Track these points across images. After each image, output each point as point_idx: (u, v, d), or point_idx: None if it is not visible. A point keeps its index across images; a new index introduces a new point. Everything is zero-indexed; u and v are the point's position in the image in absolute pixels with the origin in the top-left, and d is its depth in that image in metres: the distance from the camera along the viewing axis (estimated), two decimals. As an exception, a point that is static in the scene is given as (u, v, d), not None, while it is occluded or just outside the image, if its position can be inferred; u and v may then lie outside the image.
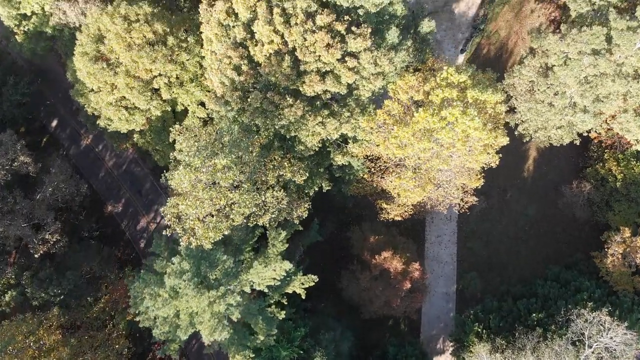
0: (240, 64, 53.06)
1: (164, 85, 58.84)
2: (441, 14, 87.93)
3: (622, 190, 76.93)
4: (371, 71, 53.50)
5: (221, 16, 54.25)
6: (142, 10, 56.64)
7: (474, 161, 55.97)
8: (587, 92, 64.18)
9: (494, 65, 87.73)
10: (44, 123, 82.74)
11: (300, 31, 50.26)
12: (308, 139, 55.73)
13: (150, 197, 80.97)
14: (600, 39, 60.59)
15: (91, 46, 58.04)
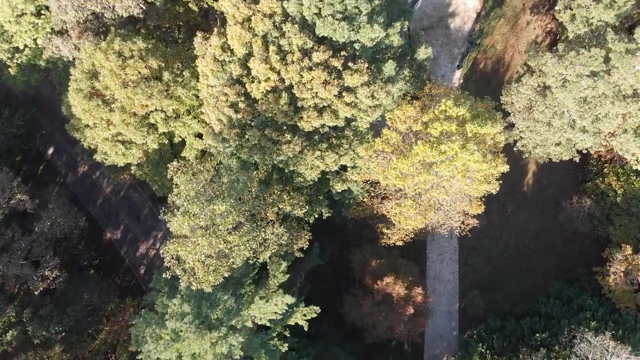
0: (237, 101, 52.64)
1: (160, 120, 58.37)
2: (437, 30, 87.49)
3: (623, 205, 76.77)
4: (369, 104, 53.10)
5: (216, 52, 53.79)
6: (137, 46, 56.06)
7: (475, 190, 55.67)
8: (586, 113, 63.86)
9: (491, 79, 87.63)
10: (40, 150, 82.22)
11: (297, 69, 49.83)
12: (307, 172, 55.40)
13: (149, 223, 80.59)
14: (599, 61, 60.24)
15: (85, 82, 57.49)
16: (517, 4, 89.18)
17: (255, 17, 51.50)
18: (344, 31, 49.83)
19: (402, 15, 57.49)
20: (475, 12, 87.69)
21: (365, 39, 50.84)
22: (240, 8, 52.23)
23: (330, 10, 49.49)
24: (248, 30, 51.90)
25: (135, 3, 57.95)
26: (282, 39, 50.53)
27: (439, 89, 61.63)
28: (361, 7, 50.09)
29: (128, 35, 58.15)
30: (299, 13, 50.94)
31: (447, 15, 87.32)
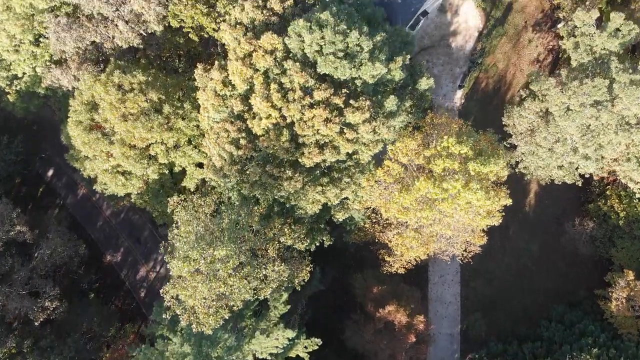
0: (238, 137, 52.19)
1: (161, 152, 57.92)
2: (438, 49, 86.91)
3: (625, 227, 76.47)
4: (370, 139, 52.63)
5: (217, 86, 53.32)
6: (137, 79, 55.56)
7: (477, 224, 55.27)
8: (589, 141, 63.44)
9: (493, 98, 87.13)
10: (39, 172, 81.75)
11: (298, 107, 49.36)
12: (308, 206, 54.98)
13: (149, 246, 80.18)
14: (602, 91, 59.73)
15: (85, 115, 57.04)
16: (519, 22, 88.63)
17: (256, 53, 51.00)
18: (345, 69, 49.35)
19: (404, 47, 56.98)
20: (477, 31, 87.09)
21: (366, 76, 50.35)
22: (242, 43, 51.76)
23: (332, 49, 49.00)
24: (249, 67, 51.42)
25: (135, 34, 57.41)
26: (283, 77, 50.06)
27: (440, 119, 61.16)
28: (363, 44, 49.59)
29: (128, 67, 57.66)
30: (300, 50, 50.45)
31: (449, 34, 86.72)
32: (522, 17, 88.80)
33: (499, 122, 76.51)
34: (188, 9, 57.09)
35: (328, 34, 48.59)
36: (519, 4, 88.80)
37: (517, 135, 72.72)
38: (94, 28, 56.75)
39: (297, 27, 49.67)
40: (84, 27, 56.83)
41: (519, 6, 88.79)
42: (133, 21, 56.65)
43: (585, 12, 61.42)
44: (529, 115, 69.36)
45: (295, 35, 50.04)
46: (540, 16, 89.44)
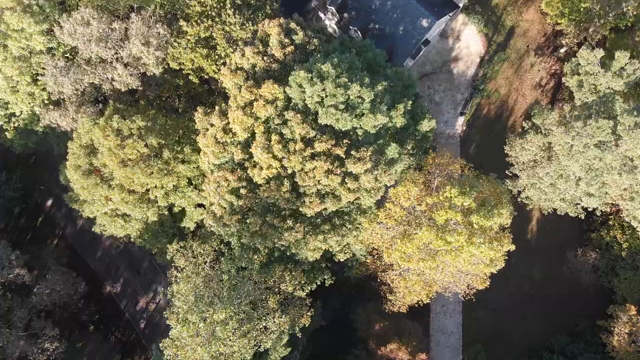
0: (238, 186, 51.56)
1: (160, 196, 57.30)
2: (439, 75, 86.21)
3: (628, 258, 75.99)
4: (372, 186, 52.01)
5: (218, 134, 52.67)
6: (136, 124, 54.88)
7: (480, 271, 54.76)
8: (592, 180, 62.87)
9: (495, 124, 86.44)
10: (38, 202, 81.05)
11: (299, 159, 48.72)
12: (309, 253, 54.43)
13: (148, 277, 79.61)
14: (607, 132, 59.08)
15: (83, 159, 56.43)
16: (521, 46, 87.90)
17: (257, 102, 50.34)
18: (346, 122, 48.72)
19: (406, 90, 56.26)
20: (479, 57, 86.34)
21: (368, 126, 49.72)
22: (242, 91, 51.06)
23: (333, 101, 48.34)
24: (250, 116, 50.75)
25: (134, 78, 56.68)
26: (284, 128, 49.41)
27: (442, 159, 60.60)
28: (364, 95, 48.93)
29: (127, 110, 56.98)
30: (301, 101, 49.78)
31: (451, 60, 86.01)
32: (524, 41, 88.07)
33: (501, 150, 75.97)
34: (188, 53, 56.37)
35: (329, 86, 47.93)
36: (521, 28, 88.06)
37: (519, 165, 72.22)
38: (92, 71, 56.05)
39: (298, 77, 49.00)
40: (82, 70, 56.12)
41: (521, 30, 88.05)
42: (132, 64, 55.91)
43: (590, 51, 60.70)
44: (532, 147, 68.83)
45: (296, 85, 49.38)
46: (543, 40, 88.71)
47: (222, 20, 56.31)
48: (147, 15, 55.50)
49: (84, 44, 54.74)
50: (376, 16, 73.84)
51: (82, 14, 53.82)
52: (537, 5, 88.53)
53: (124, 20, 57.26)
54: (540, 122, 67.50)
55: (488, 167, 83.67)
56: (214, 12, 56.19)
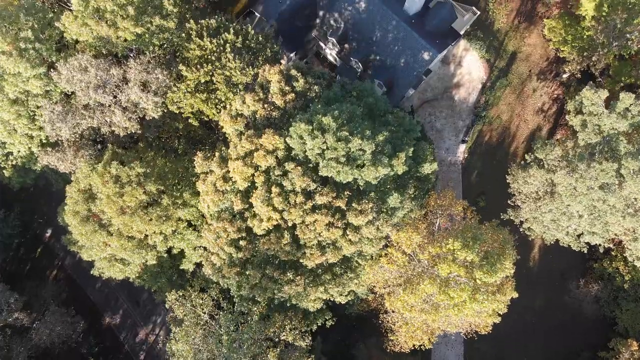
0: (238, 238, 50.97)
1: (159, 242, 56.73)
2: (441, 101, 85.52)
3: (630, 290, 75.54)
4: (374, 235, 51.43)
5: (218, 182, 52.02)
6: (134, 171, 54.24)
7: (483, 320, 54.27)
8: (596, 220, 62.31)
9: (497, 151, 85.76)
10: (37, 233, 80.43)
11: (300, 213, 48.11)
12: (310, 304, 53.89)
13: (148, 308, 79.07)
14: (610, 174, 58.42)
15: (82, 205, 55.84)
16: (524, 71, 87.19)
17: (257, 153, 49.70)
18: (347, 175, 48.08)
19: (407, 134, 55.54)
20: (481, 82, 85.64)
21: (369, 178, 49.07)
22: (243, 141, 50.41)
23: (334, 154, 47.70)
24: (250, 166, 50.11)
25: (132, 122, 55.98)
26: (284, 180, 48.77)
27: (444, 200, 60.03)
28: (365, 147, 48.28)
29: (126, 155, 56.27)
30: (302, 152, 49.12)
31: (452, 86, 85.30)
32: (526, 65, 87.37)
33: (503, 178, 75.38)
34: (187, 97, 55.66)
35: (330, 140, 47.29)
36: (523, 52, 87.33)
37: (521, 196, 71.61)
38: (90, 115, 55.31)
39: (299, 129, 48.37)
40: (80, 114, 55.38)
41: (524, 55, 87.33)
42: (130, 109, 55.21)
43: (594, 92, 59.93)
44: (534, 182, 68.20)
45: (297, 136, 48.74)
46: (545, 64, 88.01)
47: (222, 64, 55.57)
48: (145, 60, 54.73)
49: (82, 90, 54.04)
50: (377, 48, 73.10)
51: (79, 61, 53.07)
52: (539, 29, 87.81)
53: (123, 63, 56.50)
54: (543, 157, 66.82)
55: (490, 195, 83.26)
56: (214, 56, 55.42)
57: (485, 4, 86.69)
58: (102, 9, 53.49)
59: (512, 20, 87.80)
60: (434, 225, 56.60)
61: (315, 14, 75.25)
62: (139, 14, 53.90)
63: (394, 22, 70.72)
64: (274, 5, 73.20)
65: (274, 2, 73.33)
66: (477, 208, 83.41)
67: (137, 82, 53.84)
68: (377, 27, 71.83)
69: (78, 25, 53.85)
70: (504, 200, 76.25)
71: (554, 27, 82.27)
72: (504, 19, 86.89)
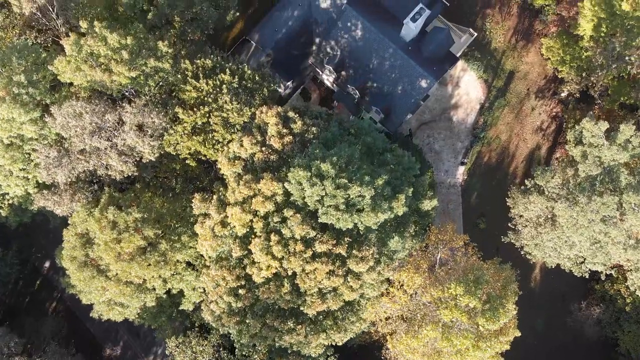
0: (237, 286, 50.51)
1: (158, 285, 56.27)
2: (439, 122, 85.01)
3: (632, 312, 75.35)
4: (375, 279, 51.02)
5: (216, 228, 51.51)
6: (132, 217, 53.68)
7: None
8: (597, 251, 61.99)
9: (496, 172, 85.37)
10: (35, 265, 79.84)
11: (300, 262, 47.65)
12: (311, 351, 53.49)
13: (148, 340, 78.62)
14: (612, 207, 58.03)
15: (79, 251, 55.32)
16: (522, 90, 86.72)
17: (256, 199, 49.22)
18: (347, 222, 47.60)
19: (406, 172, 55.02)
20: (479, 103, 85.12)
21: (369, 223, 48.60)
22: (241, 187, 49.92)
23: (333, 202, 47.21)
24: (248, 212, 49.61)
25: (129, 166, 55.42)
26: (284, 228, 48.27)
27: (445, 235, 59.66)
28: (365, 193, 47.77)
29: (123, 199, 55.73)
30: (301, 198, 48.62)
31: (450, 107, 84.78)
32: (524, 84, 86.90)
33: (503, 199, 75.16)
34: (184, 140, 55.12)
35: (329, 187, 46.80)
36: (521, 71, 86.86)
37: (521, 221, 71.25)
38: (86, 159, 54.73)
39: (297, 175, 47.84)
40: (75, 159, 54.80)
41: (522, 73, 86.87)
42: (127, 152, 54.66)
43: (594, 124, 59.45)
44: (535, 208, 67.81)
45: (296, 182, 48.24)
46: (543, 82, 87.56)
47: (219, 105, 55.00)
48: (141, 103, 54.10)
49: (77, 136, 53.45)
50: (374, 75, 72.51)
51: (73, 107, 52.45)
52: (537, 47, 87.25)
53: (118, 103, 55.87)
54: (543, 184, 66.42)
55: (490, 217, 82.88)
56: (210, 98, 54.83)
57: (482, 23, 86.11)
58: (95, 53, 52.80)
59: (509, 38, 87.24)
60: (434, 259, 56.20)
61: (311, 41, 74.61)
62: (133, 58, 53.23)
63: (390, 49, 70.10)
64: (270, 34, 72.55)
65: (270, 31, 72.69)
66: (477, 230, 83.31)
67: (133, 125, 53.25)
68: (373, 54, 71.19)
69: (72, 70, 53.17)
70: (504, 222, 75.96)
71: (552, 47, 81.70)
72: (501, 38, 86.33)
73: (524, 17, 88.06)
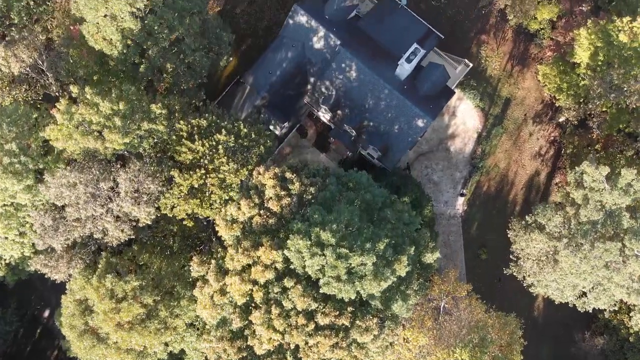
0: (239, 358, 49.92)
1: (160, 351, 55.69)
2: (437, 153, 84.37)
3: (636, 342, 75.08)
4: (380, 346, 50.48)
5: (215, 297, 50.92)
6: (130, 285, 52.99)
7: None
8: (600, 293, 61.61)
9: (496, 200, 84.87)
10: (35, 314, 79.13)
11: (302, 337, 47.08)
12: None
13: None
14: (615, 254, 57.54)
15: (79, 319, 54.65)
16: (519, 115, 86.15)
17: (255, 268, 48.60)
18: (349, 292, 47.00)
19: (406, 227, 54.42)
20: (476, 132, 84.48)
21: (372, 291, 48.03)
22: (239, 254, 49.29)
23: (334, 273, 46.60)
24: (248, 281, 49.01)
25: (125, 232, 54.73)
26: (284, 299, 47.67)
27: (447, 285, 59.21)
28: (366, 260, 47.16)
29: (121, 264, 55.04)
30: (301, 267, 48.01)
31: (447, 137, 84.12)
32: (521, 110, 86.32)
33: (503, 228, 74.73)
34: (181, 204, 54.43)
35: (329, 258, 46.16)
36: (517, 96, 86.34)
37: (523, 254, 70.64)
38: (81, 226, 54.01)
39: (296, 244, 47.22)
40: (71, 226, 54.09)
41: (518, 99, 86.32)
42: (123, 219, 53.96)
43: (594, 169, 58.82)
44: (537, 246, 67.23)
45: (296, 250, 47.64)
46: (540, 107, 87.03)
47: (215, 167, 54.27)
48: (136, 169, 53.29)
49: (72, 206, 52.71)
50: (370, 114, 71.81)
51: (67, 178, 51.66)
52: (532, 71, 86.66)
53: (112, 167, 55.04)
54: (545, 222, 65.82)
55: (491, 247, 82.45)
56: (206, 159, 54.09)
57: (477, 50, 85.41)
58: (87, 121, 51.96)
59: (505, 64, 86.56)
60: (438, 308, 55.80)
61: (306, 80, 73.83)
62: (127, 123, 52.39)
63: (386, 90, 69.37)
64: (264, 76, 71.70)
65: (264, 73, 71.82)
66: (479, 260, 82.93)
67: (128, 192, 52.53)
68: (369, 94, 70.47)
69: (64, 138, 52.35)
70: (505, 250, 75.51)
71: (548, 74, 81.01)
72: (497, 65, 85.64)
73: (519, 41, 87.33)
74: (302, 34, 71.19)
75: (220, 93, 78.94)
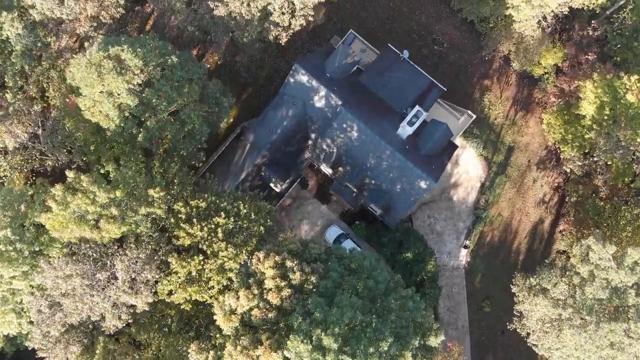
0: None
1: None
2: (439, 202, 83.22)
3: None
4: None
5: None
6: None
7: None
8: (606, 370, 60.86)
9: (499, 250, 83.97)
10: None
11: None
12: None
13: None
14: (620, 334, 56.71)
15: (78, 406, 53.98)
16: (522, 162, 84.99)
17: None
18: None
19: (410, 314, 53.51)
20: (480, 181, 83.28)
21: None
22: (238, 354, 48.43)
23: (338, 379, 45.76)
24: (250, 386, 48.21)
25: (123, 321, 53.84)
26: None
27: None
28: None
29: (119, 350, 54.38)
30: (302, 368, 47.16)
31: (450, 186, 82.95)
32: (525, 156, 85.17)
33: (507, 279, 74.27)
34: (179, 291, 53.50)
35: (332, 364, 45.28)
36: (521, 143, 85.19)
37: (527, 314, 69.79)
38: (78, 312, 53.14)
39: (296, 347, 46.33)
40: (68, 313, 53.23)
41: (522, 145, 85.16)
42: (120, 305, 53.09)
43: (601, 247, 57.78)
44: (541, 310, 66.38)
45: (295, 354, 46.77)
46: (544, 153, 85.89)
47: (213, 252, 53.28)
48: (133, 256, 52.32)
49: (69, 297, 51.81)
50: (371, 173, 70.65)
51: (62, 270, 50.72)
52: (536, 116, 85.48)
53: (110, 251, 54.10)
54: (549, 287, 64.91)
55: (494, 299, 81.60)
56: (205, 244, 53.08)
57: (480, 96, 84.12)
58: (83, 211, 50.89)
59: (509, 110, 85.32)
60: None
61: (307, 136, 72.59)
62: (124, 211, 51.34)
63: (387, 151, 68.15)
64: (265, 134, 70.48)
65: (265, 131, 70.60)
66: (482, 313, 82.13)
67: (125, 281, 51.61)
68: (370, 154, 69.28)
69: (60, 228, 51.30)
70: (509, 302, 75.03)
71: (553, 124, 79.82)
72: (500, 111, 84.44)
73: (522, 85, 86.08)
74: (303, 92, 69.91)
75: (220, 143, 77.87)
